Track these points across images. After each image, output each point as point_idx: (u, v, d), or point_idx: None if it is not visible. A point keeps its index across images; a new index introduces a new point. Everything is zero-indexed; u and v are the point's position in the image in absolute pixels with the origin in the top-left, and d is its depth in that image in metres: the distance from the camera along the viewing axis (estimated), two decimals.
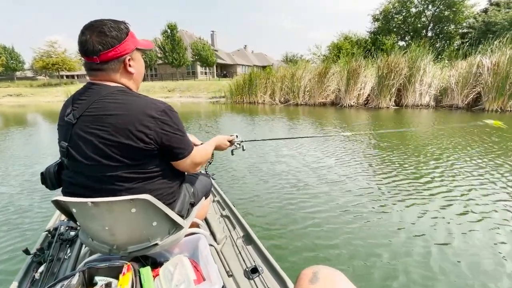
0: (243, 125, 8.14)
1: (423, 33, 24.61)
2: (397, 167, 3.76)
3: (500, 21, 18.47)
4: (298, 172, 3.65)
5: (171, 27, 29.64)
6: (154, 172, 0.92)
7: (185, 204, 1.07)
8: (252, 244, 1.36)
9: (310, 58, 26.18)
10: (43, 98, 25.44)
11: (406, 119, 8.51)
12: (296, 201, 2.77)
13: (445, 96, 11.06)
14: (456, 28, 23.25)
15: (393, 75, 10.79)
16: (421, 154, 4.37)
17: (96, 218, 0.87)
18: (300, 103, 13.74)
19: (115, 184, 0.86)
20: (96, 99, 0.85)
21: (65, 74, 43.48)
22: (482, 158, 4.02)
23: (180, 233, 1.03)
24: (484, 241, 2.05)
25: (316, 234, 2.17)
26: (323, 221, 2.35)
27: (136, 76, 0.98)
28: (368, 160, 4.20)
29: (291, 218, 2.44)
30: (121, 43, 0.88)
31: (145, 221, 0.92)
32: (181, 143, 0.94)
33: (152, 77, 36.34)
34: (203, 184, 1.31)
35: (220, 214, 1.69)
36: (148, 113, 0.85)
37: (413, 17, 24.81)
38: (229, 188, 3.18)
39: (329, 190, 3.03)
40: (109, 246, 0.94)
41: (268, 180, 3.40)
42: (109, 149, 0.83)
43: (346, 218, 2.40)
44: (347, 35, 25.70)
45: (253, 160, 4.29)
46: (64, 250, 1.33)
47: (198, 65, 34.16)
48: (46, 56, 32.47)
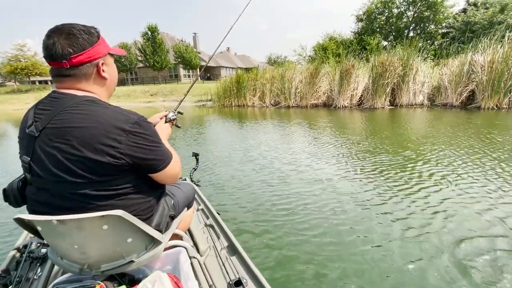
0: (240, 132, 7.46)
1: (405, 33, 25.04)
2: (400, 178, 3.43)
3: (479, 20, 19.04)
4: (287, 178, 3.54)
5: (152, 29, 28.49)
6: (126, 188, 0.84)
7: (163, 217, 1.01)
8: (236, 254, 1.33)
9: (296, 59, 25.81)
10: (11, 105, 23.44)
11: (408, 119, 8.17)
12: (283, 209, 2.68)
13: (438, 95, 10.95)
14: (436, 28, 23.84)
15: (387, 74, 10.52)
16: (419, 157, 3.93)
17: (64, 236, 0.80)
18: (291, 105, 13.24)
19: (83, 202, 0.78)
20: (61, 109, 0.77)
21: (37, 79, 40.86)
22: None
23: (158, 248, 0.97)
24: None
25: (304, 244, 2.10)
26: (311, 231, 2.28)
27: (109, 82, 0.92)
28: (361, 167, 3.97)
29: (277, 227, 2.36)
30: (93, 46, 0.83)
31: (119, 237, 0.85)
32: (158, 154, 0.87)
33: (133, 81, 34.87)
34: (184, 195, 1.25)
35: (204, 224, 1.63)
36: (118, 125, 0.77)
37: (395, 17, 25.21)
38: (214, 195, 3.07)
39: (318, 199, 2.91)
40: (80, 265, 0.87)
41: (254, 187, 3.29)
42: (74, 164, 0.75)
43: (335, 229, 2.30)
44: (332, 36, 25.70)
45: (240, 165, 4.20)
46: (34, 269, 1.23)
47: (181, 68, 33.09)
48: (14, 60, 30.09)
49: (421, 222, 2.34)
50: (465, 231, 2.18)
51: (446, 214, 2.45)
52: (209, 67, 41.81)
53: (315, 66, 12.38)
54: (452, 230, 2.20)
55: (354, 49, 17.81)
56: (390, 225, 2.32)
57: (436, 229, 2.22)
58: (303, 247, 2.05)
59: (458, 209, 2.54)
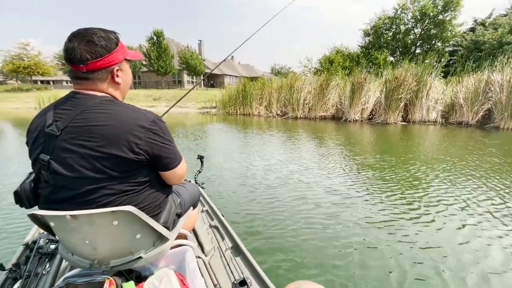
0: (247, 141, 7.00)
1: (412, 49, 25.08)
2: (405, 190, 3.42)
3: (488, 40, 19.01)
4: (291, 183, 3.60)
5: (157, 34, 28.41)
6: (141, 183, 0.89)
7: (171, 215, 1.04)
8: (241, 255, 1.32)
9: (301, 70, 25.66)
10: (10, 104, 22.97)
11: (426, 137, 7.75)
12: (287, 213, 2.72)
13: (452, 112, 10.61)
14: (443, 46, 23.88)
15: (401, 89, 10.19)
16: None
17: (76, 231, 0.83)
18: (299, 116, 12.86)
19: (100, 197, 0.83)
20: (83, 109, 0.82)
21: (39, 79, 40.51)
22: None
23: (165, 245, 0.98)
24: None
25: (307, 246, 2.13)
26: (315, 233, 2.31)
27: (122, 86, 0.96)
28: (364, 174, 4.05)
29: (282, 229, 2.38)
30: (111, 53, 0.86)
31: (128, 233, 0.88)
32: (170, 153, 0.93)
33: (136, 85, 34.61)
34: (190, 194, 1.28)
35: (209, 225, 1.64)
36: (139, 123, 0.84)
37: (403, 34, 25.29)
38: (219, 198, 3.12)
39: (322, 202, 2.97)
40: (90, 261, 0.89)
41: (258, 190, 3.36)
42: (97, 161, 0.80)
43: (340, 232, 2.34)
44: (339, 49, 25.68)
45: (244, 169, 4.26)
46: (42, 264, 1.24)
47: (185, 74, 32.92)
48: (17, 59, 29.78)
49: (432, 255, 2.07)
50: (483, 264, 1.95)
51: (458, 242, 2.24)
52: (213, 75, 41.78)
53: (325, 78, 12.06)
54: (468, 263, 1.96)
55: (361, 62, 17.67)
56: (404, 249, 2.14)
57: (446, 254, 2.04)
58: (308, 250, 2.07)
59: (472, 238, 2.30)
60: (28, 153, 0.87)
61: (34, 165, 0.85)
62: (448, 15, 22.53)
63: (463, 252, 2.09)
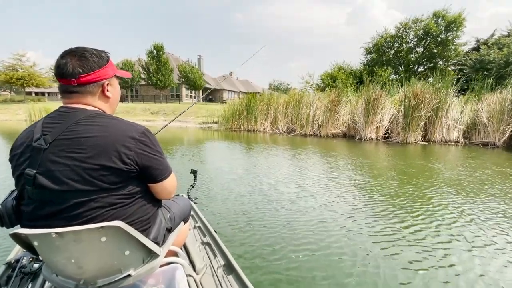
0: (253, 159, 6.07)
1: (415, 68, 25.01)
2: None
3: (494, 59, 18.92)
4: (285, 200, 3.53)
5: (158, 48, 28.09)
6: (130, 196, 0.88)
7: (161, 230, 1.02)
8: (233, 273, 1.29)
9: (303, 86, 25.26)
10: (1, 116, 21.87)
11: (459, 159, 6.92)
12: (283, 230, 2.64)
13: (475, 132, 9.93)
14: (446, 65, 23.86)
15: (422, 107, 9.51)
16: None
17: (61, 250, 0.79)
18: (309, 134, 12.06)
19: (87, 211, 0.80)
20: (73, 122, 0.82)
21: (34, 90, 39.48)
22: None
23: (155, 261, 0.94)
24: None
25: (302, 265, 2.06)
26: (311, 252, 2.24)
27: (112, 101, 0.98)
28: (355, 186, 4.05)
29: (276, 247, 2.31)
30: (101, 68, 0.90)
31: (117, 250, 0.84)
32: (160, 164, 0.93)
33: (133, 98, 33.87)
34: (181, 208, 1.26)
35: (201, 241, 1.60)
36: (129, 134, 0.85)
37: (405, 52, 25.32)
38: (211, 213, 3.03)
39: (318, 220, 2.89)
40: (75, 281, 0.85)
41: (252, 207, 3.27)
42: (86, 172, 0.79)
43: (338, 252, 2.25)
44: (341, 66, 25.51)
45: (238, 185, 4.18)
46: (25, 285, 1.17)
47: (183, 88, 32.39)
48: (11, 70, 28.88)
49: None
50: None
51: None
52: (212, 89, 41.41)
53: (337, 93, 11.39)
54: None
55: (363, 80, 17.27)
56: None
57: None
58: (301, 270, 2.00)
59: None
60: (12, 170, 0.85)
61: (18, 181, 0.84)
62: (450, 34, 22.67)
63: None
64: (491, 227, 2.81)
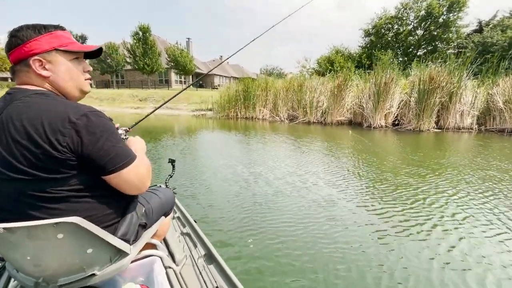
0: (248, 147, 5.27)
1: (415, 51, 24.27)
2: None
3: (498, 42, 18.36)
4: (267, 187, 3.41)
5: (144, 29, 26.13)
6: (81, 189, 0.75)
7: (131, 226, 0.90)
8: (214, 263, 1.26)
9: (299, 70, 24.22)
10: None
11: (491, 149, 6.31)
12: (264, 218, 2.56)
13: (489, 118, 9.39)
14: (447, 47, 23.22)
15: (437, 92, 8.82)
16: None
17: (16, 246, 0.72)
18: (313, 121, 11.27)
19: (35, 204, 0.71)
20: (9, 103, 0.73)
21: (6, 76, 36.72)
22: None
23: (125, 260, 0.86)
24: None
25: (284, 253, 2.02)
26: (293, 240, 2.20)
27: (55, 80, 0.80)
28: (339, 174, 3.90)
29: (257, 235, 2.25)
30: (26, 43, 0.76)
31: (77, 248, 0.76)
32: (110, 152, 0.75)
33: (118, 84, 31.95)
34: (161, 201, 1.14)
35: (180, 232, 1.55)
36: (63, 116, 0.70)
37: (405, 34, 24.46)
38: (191, 203, 2.94)
39: (299, 207, 2.80)
40: (34, 279, 0.77)
41: (234, 195, 3.18)
42: (15, 159, 0.68)
43: (318, 238, 2.22)
44: (339, 49, 24.46)
45: (218, 172, 4.07)
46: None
47: (173, 73, 30.69)
48: None
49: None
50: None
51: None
52: (202, 75, 39.72)
53: (343, 77, 10.54)
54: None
55: (363, 63, 16.43)
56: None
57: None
58: (283, 256, 1.97)
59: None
60: None
61: None
62: (452, 15, 21.86)
63: None
64: None
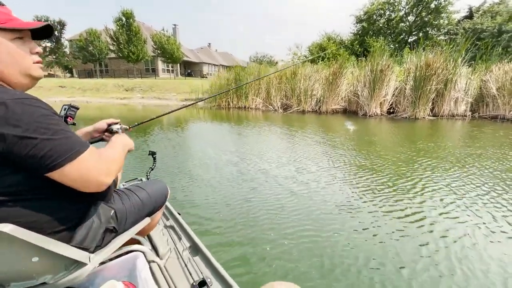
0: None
1: (406, 37, 24.13)
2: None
3: (487, 28, 18.43)
4: (253, 175, 3.39)
5: (127, 15, 24.83)
6: (17, 190, 0.65)
7: (91, 232, 0.78)
8: (200, 254, 1.23)
9: (290, 58, 23.73)
10: None
11: (491, 137, 6.27)
12: (249, 207, 2.54)
13: (482, 105, 9.42)
14: (437, 33, 23.18)
15: (433, 79, 8.70)
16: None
17: None
18: (307, 110, 11.04)
19: None
20: None
21: None
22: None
23: (84, 269, 0.77)
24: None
25: (270, 242, 2.01)
26: (279, 229, 2.18)
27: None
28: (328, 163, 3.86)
29: (243, 225, 2.23)
30: None
31: (19, 256, 0.67)
32: (42, 147, 0.63)
33: (102, 73, 30.58)
34: (143, 201, 1.01)
35: (164, 225, 1.49)
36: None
37: (396, 21, 24.21)
38: (174, 195, 2.81)
39: (286, 196, 2.79)
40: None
41: (217, 184, 3.13)
42: None
43: (304, 228, 2.20)
44: (330, 36, 24.03)
45: (201, 161, 4.01)
46: None
47: (159, 61, 29.55)
48: None
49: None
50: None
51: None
52: (190, 63, 38.48)
53: (339, 64, 10.27)
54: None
55: (355, 50, 16.20)
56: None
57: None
58: (269, 244, 1.96)
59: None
60: None
61: None
62: (443, 0, 21.68)
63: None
64: None
